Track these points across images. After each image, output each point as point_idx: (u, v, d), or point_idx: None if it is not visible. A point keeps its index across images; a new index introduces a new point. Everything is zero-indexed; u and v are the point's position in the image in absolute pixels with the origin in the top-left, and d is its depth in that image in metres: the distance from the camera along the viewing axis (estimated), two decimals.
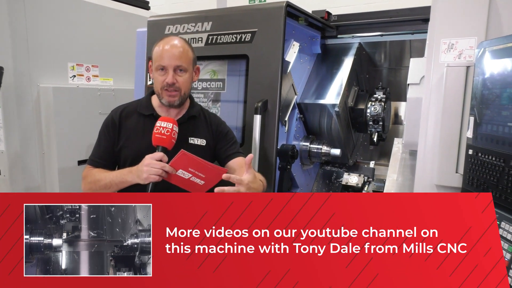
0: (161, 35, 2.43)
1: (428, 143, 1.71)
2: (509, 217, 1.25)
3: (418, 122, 1.78)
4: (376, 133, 2.80)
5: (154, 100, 1.77)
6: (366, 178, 2.40)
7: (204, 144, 1.76)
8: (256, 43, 2.11)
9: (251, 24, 2.12)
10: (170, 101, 1.68)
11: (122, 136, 1.70)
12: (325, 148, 2.75)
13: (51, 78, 3.50)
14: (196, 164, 1.47)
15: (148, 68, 1.77)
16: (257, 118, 2.02)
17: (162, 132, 1.56)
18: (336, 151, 2.71)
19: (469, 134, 1.51)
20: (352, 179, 2.34)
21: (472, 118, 1.50)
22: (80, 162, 3.70)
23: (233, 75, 2.27)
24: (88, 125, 3.78)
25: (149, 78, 2.41)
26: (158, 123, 1.57)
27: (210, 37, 2.26)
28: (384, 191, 2.07)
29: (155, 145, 1.56)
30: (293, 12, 2.27)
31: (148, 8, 4.72)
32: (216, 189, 1.31)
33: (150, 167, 1.48)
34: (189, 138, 1.74)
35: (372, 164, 2.64)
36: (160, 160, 1.49)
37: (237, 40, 2.16)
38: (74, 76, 3.74)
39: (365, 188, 2.36)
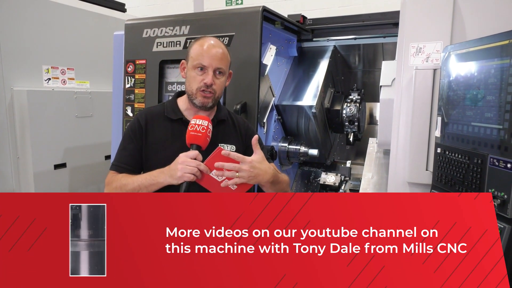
0: (139, 38, 2.44)
1: (400, 142, 1.79)
2: None
3: (390, 122, 1.86)
4: (352, 133, 2.88)
5: (181, 103, 1.68)
6: (343, 177, 2.47)
7: (234, 150, 1.63)
8: (234, 47, 2.14)
9: (229, 28, 2.15)
10: (204, 102, 1.58)
11: (150, 141, 1.61)
12: (303, 149, 2.82)
13: (25, 81, 3.43)
14: (216, 158, 1.41)
15: (181, 66, 1.65)
16: None
17: (198, 129, 1.47)
18: (314, 151, 2.78)
19: (437, 133, 1.59)
20: (329, 178, 2.40)
21: (439, 118, 1.58)
22: (57, 166, 3.64)
23: None
24: (64, 128, 3.72)
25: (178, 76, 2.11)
26: (193, 121, 1.49)
27: (188, 40, 2.28)
28: (360, 190, 2.14)
29: (189, 143, 1.47)
30: (269, 16, 2.32)
31: (124, 11, 4.68)
32: (216, 164, 1.39)
33: (185, 165, 1.40)
34: (219, 144, 1.62)
35: (348, 163, 2.72)
36: (195, 159, 1.43)
37: None
38: (49, 79, 3.67)
39: (342, 187, 2.43)
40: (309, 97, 2.80)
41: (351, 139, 2.87)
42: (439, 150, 1.57)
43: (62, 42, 3.76)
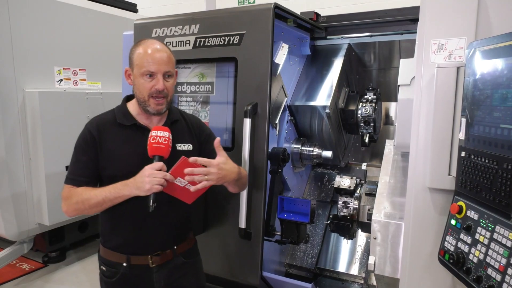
0: (148, 37, 2.38)
1: (420, 145, 1.69)
2: (504, 221, 1.23)
3: (409, 124, 1.76)
4: (368, 134, 2.78)
5: (132, 108, 1.66)
6: (358, 180, 2.37)
7: (191, 149, 1.71)
8: (245, 46, 2.07)
9: (239, 26, 2.08)
10: (158, 109, 1.60)
11: (105, 150, 1.59)
12: (316, 150, 2.73)
13: (37, 83, 3.43)
14: (182, 167, 1.49)
15: (125, 73, 1.63)
16: (247, 122, 1.99)
17: (160, 141, 1.51)
18: (328, 153, 2.69)
19: (461, 135, 1.49)
20: (344, 181, 2.31)
21: (464, 120, 1.47)
22: (68, 168, 3.63)
23: (222, 78, 2.23)
24: (76, 129, 3.65)
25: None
26: (153, 133, 1.52)
27: (198, 40, 2.22)
28: (377, 194, 2.04)
29: (152, 155, 1.51)
30: (281, 14, 2.24)
31: (136, 11, 4.67)
32: (186, 170, 1.46)
33: (153, 177, 1.44)
34: (177, 145, 1.67)
35: (364, 166, 2.62)
36: (160, 170, 1.47)
37: (225, 42, 2.13)
38: (61, 80, 3.67)
39: (358, 191, 2.33)
40: (323, 97, 2.71)
41: (366, 141, 2.77)
42: (463, 153, 1.47)
43: (74, 43, 3.75)
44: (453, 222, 1.49)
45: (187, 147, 1.70)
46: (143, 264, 1.64)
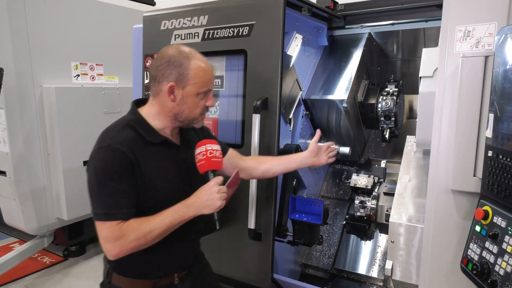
0: (157, 31, 2.32)
1: (442, 143, 1.54)
2: None
3: (431, 119, 1.61)
4: (388, 129, 2.62)
5: (152, 121, 1.45)
6: (376, 178, 2.24)
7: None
8: (254, 37, 1.97)
9: (249, 17, 1.98)
10: (202, 124, 1.53)
11: (146, 173, 1.38)
12: (333, 147, 2.59)
13: (54, 78, 3.45)
14: (237, 180, 1.51)
15: (169, 89, 1.39)
16: (256, 118, 1.89)
17: (216, 155, 1.45)
18: (345, 149, 2.55)
19: (489, 133, 1.33)
20: (361, 180, 2.18)
21: (491, 115, 1.32)
22: (86, 163, 3.65)
23: (231, 71, 2.14)
24: (93, 125, 3.71)
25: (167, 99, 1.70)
26: (208, 147, 1.45)
27: (207, 31, 2.13)
28: (395, 195, 1.91)
29: (207, 170, 1.44)
30: (294, 2, 2.12)
31: (153, 4, 4.62)
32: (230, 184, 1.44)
33: (222, 193, 1.38)
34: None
35: (383, 163, 2.47)
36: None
37: (234, 34, 2.03)
38: (78, 75, 3.68)
39: (376, 190, 2.20)
40: (341, 91, 2.57)
41: (387, 136, 2.62)
42: (490, 153, 1.32)
43: (91, 38, 3.75)
44: (477, 228, 1.35)
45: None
46: (168, 283, 1.53)
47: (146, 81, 2.42)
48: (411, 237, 1.81)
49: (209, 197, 1.37)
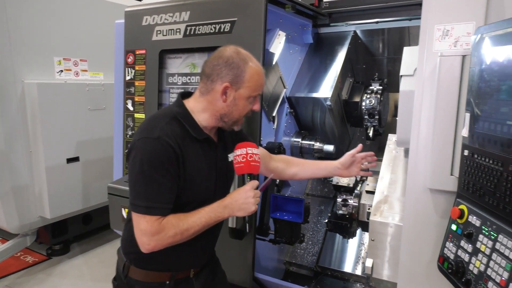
0: (139, 26, 2.29)
1: (421, 142, 1.54)
2: (508, 230, 1.09)
3: (411, 118, 1.61)
4: (372, 128, 2.63)
5: (198, 117, 1.44)
6: (359, 177, 2.24)
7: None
8: (236, 34, 1.95)
9: (230, 13, 1.95)
10: (240, 127, 1.54)
11: (189, 170, 1.38)
12: (317, 144, 2.60)
13: (36, 74, 3.39)
14: (269, 184, 1.57)
15: (223, 90, 1.37)
16: None
17: (255, 159, 1.44)
18: (329, 147, 2.56)
19: (465, 132, 1.34)
20: (343, 178, 2.18)
21: (468, 115, 1.32)
22: (69, 160, 3.61)
23: None
24: (76, 121, 3.66)
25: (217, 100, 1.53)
26: (249, 150, 1.44)
27: (189, 28, 2.10)
28: (376, 193, 1.91)
29: (249, 172, 1.44)
30: None
31: None
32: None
33: (257, 197, 1.39)
34: (228, 156, 1.55)
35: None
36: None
37: (216, 30, 2.00)
38: (61, 71, 3.62)
39: (358, 188, 2.20)
40: (325, 89, 2.57)
41: (370, 134, 2.62)
42: (466, 152, 1.32)
43: (75, 33, 3.68)
44: (453, 227, 1.35)
45: (232, 155, 1.55)
46: (185, 277, 1.53)
47: (128, 78, 2.38)
48: (391, 236, 1.81)
49: (244, 201, 1.37)
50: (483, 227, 1.20)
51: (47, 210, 3.44)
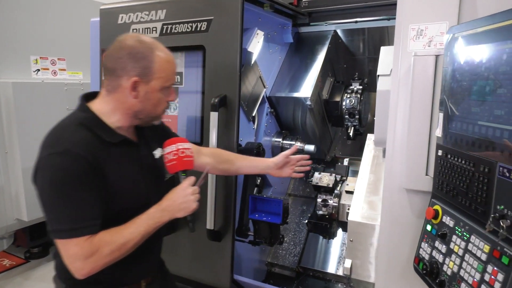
0: (114, 25, 2.24)
1: (397, 141, 1.53)
2: (480, 231, 1.08)
3: (387, 118, 1.61)
4: (353, 127, 2.62)
5: (106, 119, 1.30)
6: (339, 177, 2.23)
7: (162, 154, 1.48)
8: (213, 33, 1.91)
9: (207, 12, 1.92)
10: (160, 121, 1.44)
11: (110, 177, 1.24)
12: (298, 144, 2.59)
13: (11, 73, 3.29)
14: (206, 178, 1.47)
15: (132, 85, 1.24)
16: (214, 116, 1.84)
17: (188, 154, 1.38)
18: (310, 147, 2.54)
19: (439, 132, 1.33)
20: (323, 179, 2.17)
21: (441, 115, 1.32)
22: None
23: (191, 68, 2.07)
24: (54, 122, 3.54)
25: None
26: (180, 145, 1.37)
27: (165, 26, 2.06)
28: (355, 192, 1.90)
29: (183, 169, 1.37)
30: None
31: None
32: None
33: (196, 194, 1.33)
34: (153, 154, 1.45)
35: (346, 161, 2.47)
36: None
37: (193, 29, 1.97)
38: (38, 70, 3.53)
39: (338, 188, 2.19)
40: (305, 88, 2.55)
41: (351, 134, 2.62)
42: (440, 152, 1.32)
43: (52, 31, 3.59)
44: (428, 227, 1.35)
45: (159, 152, 1.46)
46: None
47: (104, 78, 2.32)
48: (369, 236, 1.81)
49: (183, 199, 1.30)
50: (456, 227, 1.20)
51: (24, 212, 3.35)
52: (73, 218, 1.16)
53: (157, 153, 1.45)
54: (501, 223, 0.96)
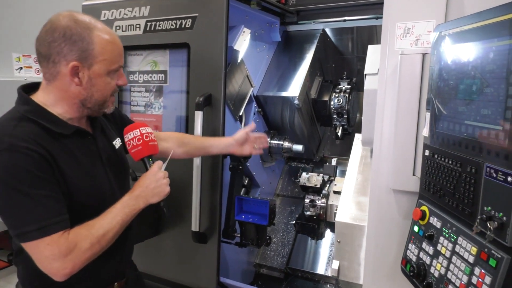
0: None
1: (384, 141, 1.51)
2: (467, 232, 1.06)
3: (375, 117, 1.58)
4: (341, 127, 2.60)
5: (54, 110, 1.20)
6: (327, 177, 2.20)
7: (121, 143, 1.43)
8: (198, 30, 1.87)
9: (191, 8, 1.88)
10: (112, 108, 1.31)
11: (66, 172, 1.15)
12: (286, 144, 2.56)
13: None
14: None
15: (72, 71, 1.14)
16: (199, 115, 1.80)
17: (152, 138, 1.33)
18: (298, 147, 2.51)
19: (426, 132, 1.31)
20: (310, 179, 2.14)
21: (428, 114, 1.30)
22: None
23: (175, 66, 2.03)
24: None
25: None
26: (143, 130, 1.31)
27: (149, 23, 2.01)
28: (342, 193, 1.88)
29: (149, 154, 1.33)
30: None
31: None
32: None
33: (167, 178, 1.30)
34: (113, 144, 1.40)
35: (334, 161, 2.44)
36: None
37: (177, 26, 1.92)
38: (21, 68, 3.44)
39: (326, 188, 2.17)
40: (294, 88, 2.52)
41: (339, 133, 2.60)
42: (427, 152, 1.30)
43: (35, 28, 3.50)
44: (416, 229, 1.33)
45: (118, 142, 1.42)
46: None
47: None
48: (357, 237, 1.79)
49: (156, 184, 1.26)
50: (443, 229, 1.18)
51: None
52: (38, 216, 1.07)
53: (117, 143, 1.40)
54: (488, 225, 0.94)
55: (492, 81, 0.97)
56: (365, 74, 1.73)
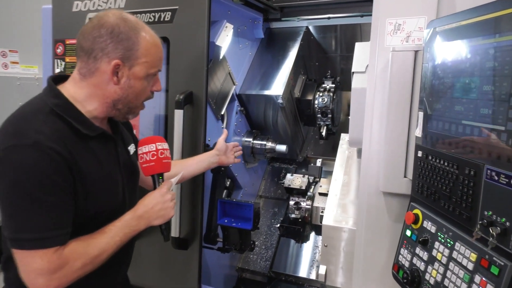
0: (68, 13, 2.04)
1: (374, 142, 1.46)
2: (465, 238, 1.01)
3: (363, 117, 1.53)
4: (325, 127, 2.55)
5: (81, 107, 1.14)
6: (312, 178, 2.14)
7: (135, 150, 1.35)
8: (178, 24, 1.77)
9: (171, 1, 1.77)
10: (137, 115, 1.29)
11: (87, 177, 1.08)
12: (269, 144, 2.48)
13: None
14: None
15: (113, 68, 1.10)
16: (179, 114, 1.70)
17: (167, 155, 1.26)
18: (282, 147, 2.44)
19: (418, 132, 1.26)
20: (295, 180, 2.08)
21: (421, 113, 1.25)
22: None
23: None
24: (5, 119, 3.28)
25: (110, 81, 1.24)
26: (159, 145, 1.24)
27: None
28: (329, 195, 1.82)
29: (160, 172, 1.26)
30: None
31: None
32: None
33: (174, 200, 1.25)
34: (128, 150, 1.32)
35: (319, 162, 2.39)
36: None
37: (156, 19, 1.81)
38: None
39: (311, 190, 2.10)
40: (277, 86, 2.45)
41: (323, 133, 2.54)
42: (420, 153, 1.25)
43: (3, 21, 3.31)
44: (408, 233, 1.28)
45: (133, 148, 1.34)
46: None
47: (57, 70, 2.12)
48: (344, 241, 1.73)
49: (162, 206, 1.20)
50: (439, 233, 1.12)
51: None
52: (39, 225, 0.99)
53: (132, 148, 1.33)
54: (491, 231, 0.89)
55: (492, 79, 0.92)
56: (353, 72, 1.67)
